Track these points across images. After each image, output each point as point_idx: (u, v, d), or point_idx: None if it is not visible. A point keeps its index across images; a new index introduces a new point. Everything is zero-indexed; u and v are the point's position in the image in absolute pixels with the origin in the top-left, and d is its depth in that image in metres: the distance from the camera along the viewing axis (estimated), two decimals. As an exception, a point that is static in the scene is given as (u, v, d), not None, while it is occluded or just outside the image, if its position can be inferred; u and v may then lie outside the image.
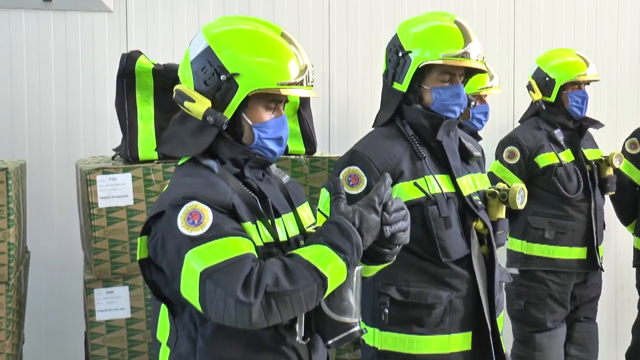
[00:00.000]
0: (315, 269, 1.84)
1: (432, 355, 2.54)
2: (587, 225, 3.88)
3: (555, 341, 3.94)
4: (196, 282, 1.82)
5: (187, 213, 1.87)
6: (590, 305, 4.09)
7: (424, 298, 2.52)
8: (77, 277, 3.29)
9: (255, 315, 1.78)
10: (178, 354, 1.98)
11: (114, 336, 2.76)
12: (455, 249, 2.54)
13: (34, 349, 4.04)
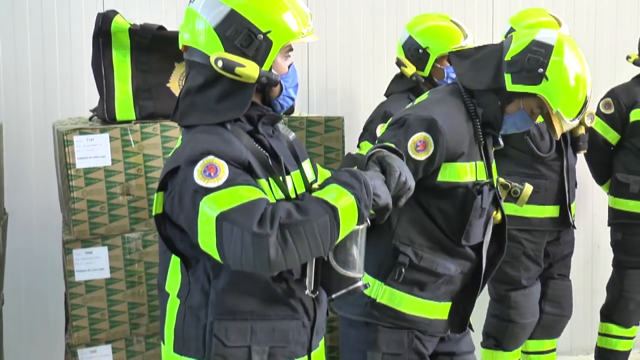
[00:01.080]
0: (324, 201, 1.91)
1: (420, 317, 2.64)
2: (559, 183, 3.92)
3: (530, 299, 4.00)
4: (212, 228, 1.86)
5: (204, 166, 1.91)
6: (563, 262, 4.15)
7: (435, 266, 2.61)
8: (56, 238, 3.29)
9: (273, 250, 1.83)
10: (189, 306, 2.02)
11: (94, 296, 2.77)
12: (476, 236, 2.64)
13: (14, 309, 4.05)
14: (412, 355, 2.63)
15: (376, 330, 2.62)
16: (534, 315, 4.03)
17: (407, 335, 2.62)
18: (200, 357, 2.00)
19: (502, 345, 4.04)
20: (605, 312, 4.43)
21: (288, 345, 2.05)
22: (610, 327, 4.38)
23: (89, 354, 2.78)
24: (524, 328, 4.02)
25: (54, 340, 3.82)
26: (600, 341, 4.45)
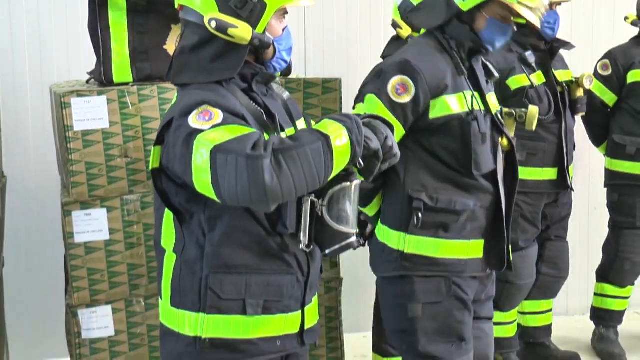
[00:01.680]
0: (317, 130, 1.94)
1: (453, 259, 2.65)
2: (557, 146, 3.93)
3: (527, 260, 4.03)
4: (207, 164, 1.88)
5: (199, 113, 1.95)
6: (561, 224, 4.17)
7: (453, 205, 2.62)
8: (55, 201, 3.31)
9: (267, 174, 1.84)
10: (185, 260, 2.06)
11: (93, 258, 2.79)
12: (485, 164, 2.65)
13: (14, 272, 4.08)
14: (453, 302, 2.66)
15: (412, 282, 2.64)
16: (531, 277, 4.06)
17: (444, 283, 2.65)
18: (196, 310, 2.04)
19: (498, 306, 4.07)
20: (600, 273, 4.46)
21: (282, 299, 2.09)
22: (606, 287, 4.42)
23: (89, 314, 2.80)
24: (520, 289, 4.05)
25: (55, 301, 3.85)
26: (596, 301, 4.49)
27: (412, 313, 2.65)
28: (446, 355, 2.65)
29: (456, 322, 2.66)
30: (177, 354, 2.08)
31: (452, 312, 2.65)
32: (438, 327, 2.65)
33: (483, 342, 2.83)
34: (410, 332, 2.66)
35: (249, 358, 2.06)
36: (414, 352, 2.67)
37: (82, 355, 2.80)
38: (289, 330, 2.12)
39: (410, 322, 2.65)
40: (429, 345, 2.64)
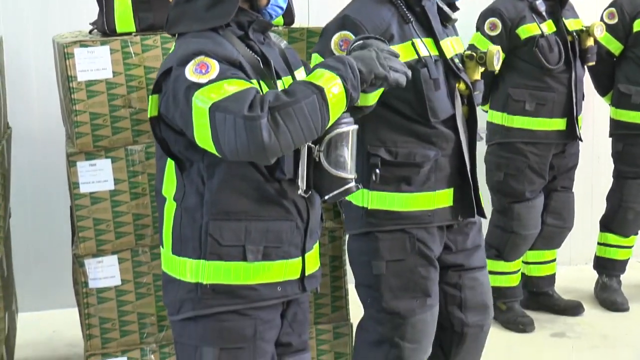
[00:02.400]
0: (310, 83, 1.95)
1: (419, 211, 2.65)
2: (567, 96, 3.91)
3: (533, 211, 4.05)
4: (206, 120, 1.91)
5: (196, 64, 1.96)
6: (567, 174, 4.18)
7: (413, 157, 2.61)
8: (60, 152, 3.31)
9: (265, 133, 1.87)
10: (185, 208, 2.08)
11: (99, 208, 2.80)
12: (442, 110, 2.61)
13: (21, 223, 4.11)
14: (417, 259, 2.67)
15: (376, 239, 2.66)
16: (536, 228, 4.08)
17: (408, 240, 2.65)
18: (197, 256, 2.07)
19: (503, 256, 4.11)
20: (604, 222, 4.48)
21: (282, 245, 2.11)
22: (609, 236, 4.44)
23: (95, 264, 2.82)
24: (525, 239, 4.07)
25: (62, 251, 3.89)
26: (599, 250, 4.52)
27: (377, 270, 2.67)
28: (409, 312, 2.67)
29: (421, 278, 2.67)
30: (179, 300, 2.11)
31: (416, 268, 2.67)
32: (402, 284, 2.67)
33: (478, 292, 2.83)
34: (375, 287, 2.69)
35: (250, 303, 2.09)
36: (378, 307, 2.70)
37: (90, 304, 2.83)
38: (290, 277, 2.14)
39: (375, 279, 2.68)
40: (392, 300, 2.67)
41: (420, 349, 2.72)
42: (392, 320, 2.68)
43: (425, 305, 2.69)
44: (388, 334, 2.69)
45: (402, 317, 2.67)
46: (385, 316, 2.69)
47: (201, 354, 2.10)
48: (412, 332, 2.68)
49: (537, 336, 4.12)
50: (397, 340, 2.69)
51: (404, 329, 2.68)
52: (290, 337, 2.26)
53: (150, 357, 2.85)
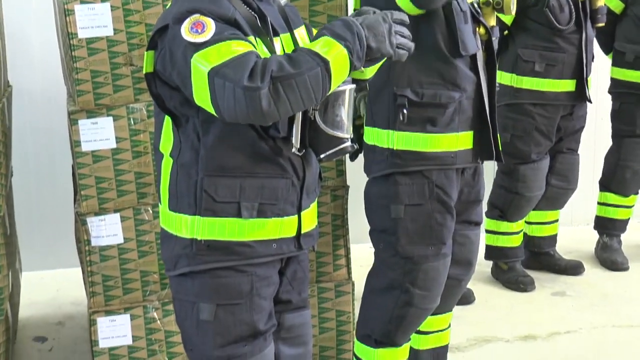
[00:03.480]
0: (316, 54, 1.93)
1: (442, 152, 2.69)
2: (577, 57, 3.89)
3: (538, 173, 4.04)
4: (205, 83, 1.91)
5: (191, 23, 1.95)
6: (574, 136, 4.17)
7: (438, 98, 2.64)
8: (61, 110, 3.31)
9: (265, 101, 1.87)
10: (181, 164, 2.08)
11: (100, 166, 2.81)
12: (470, 44, 2.66)
13: (23, 182, 4.12)
14: (435, 205, 2.70)
15: (396, 182, 2.69)
16: (541, 189, 4.08)
17: (427, 185, 2.69)
18: (192, 212, 2.07)
19: (506, 216, 4.12)
20: (603, 182, 4.49)
21: (277, 202, 2.11)
22: (609, 196, 4.45)
23: (97, 222, 2.83)
24: (529, 201, 4.08)
25: (64, 211, 3.90)
26: (599, 210, 4.53)
27: (395, 214, 2.70)
28: (422, 258, 2.71)
29: (437, 224, 2.71)
30: (175, 256, 2.12)
31: (434, 214, 2.70)
32: (419, 229, 2.70)
33: (467, 249, 2.89)
34: (391, 231, 2.72)
35: (245, 260, 2.09)
36: (392, 252, 2.73)
37: (92, 262, 2.84)
38: (285, 234, 2.14)
39: (392, 222, 2.71)
40: (408, 245, 2.70)
41: (430, 297, 2.75)
42: (404, 266, 2.71)
43: (440, 253, 2.72)
44: (399, 279, 2.72)
45: (415, 262, 2.70)
46: (398, 261, 2.72)
47: (198, 310, 2.11)
48: (424, 279, 2.71)
49: (537, 295, 4.15)
50: (408, 285, 2.71)
51: (416, 275, 2.71)
52: (290, 294, 2.27)
53: (152, 315, 2.87)
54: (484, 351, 3.56)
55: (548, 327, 3.77)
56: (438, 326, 3.07)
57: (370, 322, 2.82)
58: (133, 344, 2.87)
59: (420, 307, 2.76)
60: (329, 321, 3.07)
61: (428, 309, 2.80)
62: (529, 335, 3.70)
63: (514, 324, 3.81)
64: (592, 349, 3.58)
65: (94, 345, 2.85)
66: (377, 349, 2.82)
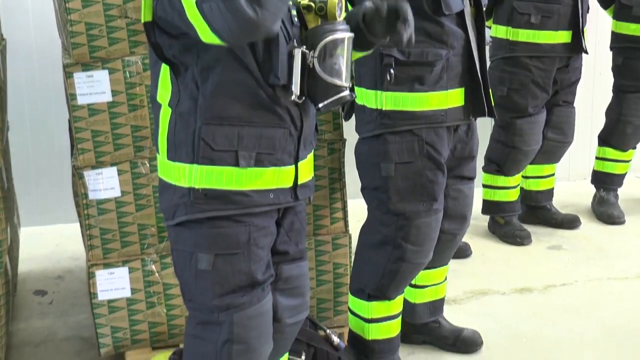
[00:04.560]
0: None
1: (432, 111, 2.67)
2: (572, 8, 3.87)
3: (535, 127, 4.04)
4: (199, 14, 1.88)
5: None
6: (570, 89, 4.16)
7: (425, 56, 2.62)
8: (56, 63, 3.29)
9: (249, 9, 1.83)
10: (179, 113, 2.08)
11: (97, 119, 2.79)
12: (454, 3, 2.63)
13: (20, 137, 4.12)
14: (425, 162, 2.70)
15: (386, 141, 2.69)
16: (537, 143, 4.08)
17: (417, 143, 2.68)
18: (190, 161, 2.08)
19: (503, 171, 4.13)
20: (603, 137, 4.49)
21: (275, 152, 2.11)
22: (608, 150, 4.45)
23: (95, 176, 2.83)
24: (526, 155, 4.09)
25: (62, 166, 3.91)
26: (597, 165, 4.54)
27: (385, 172, 2.70)
28: (414, 214, 2.72)
29: (428, 181, 2.71)
30: (173, 205, 2.13)
31: (424, 171, 2.70)
32: (409, 187, 2.70)
33: (461, 203, 2.90)
34: (382, 189, 2.73)
35: (242, 209, 2.10)
36: (384, 209, 2.74)
37: (90, 215, 2.85)
38: (282, 184, 2.15)
39: (383, 181, 2.72)
40: (399, 203, 2.71)
41: (422, 252, 2.77)
42: (397, 222, 2.73)
43: (431, 209, 2.73)
44: (392, 235, 2.74)
45: (407, 218, 2.71)
46: (390, 218, 2.73)
47: (197, 260, 2.13)
48: (416, 235, 2.73)
49: (533, 249, 4.17)
50: (400, 241, 2.73)
51: (408, 231, 2.72)
52: (287, 245, 2.28)
53: (151, 267, 2.89)
54: (480, 303, 3.59)
55: (544, 280, 3.80)
56: (434, 280, 3.10)
57: (364, 277, 2.84)
58: (132, 296, 2.89)
59: (412, 262, 2.78)
60: (326, 274, 3.09)
61: (420, 264, 2.82)
62: (524, 287, 3.73)
63: (510, 277, 3.84)
64: (587, 300, 3.61)
65: (93, 298, 2.87)
66: (370, 302, 2.84)
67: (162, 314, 2.92)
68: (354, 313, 2.91)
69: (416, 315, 3.14)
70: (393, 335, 2.90)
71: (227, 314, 2.15)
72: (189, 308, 2.26)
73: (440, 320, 3.18)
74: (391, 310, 2.88)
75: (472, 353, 3.14)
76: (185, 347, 2.28)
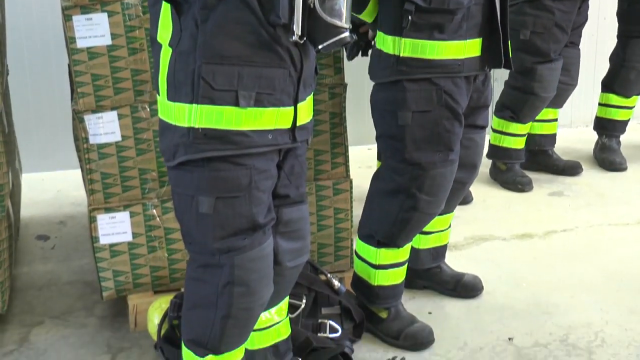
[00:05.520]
0: None
1: (449, 60, 2.64)
2: None
3: (554, 73, 4.02)
4: None
5: None
6: (577, 31, 4.14)
7: (446, 4, 2.58)
8: (55, 8, 3.26)
9: None
10: (180, 52, 2.07)
11: (96, 63, 2.77)
12: None
13: (19, 82, 4.10)
14: (443, 111, 2.67)
15: (404, 89, 2.65)
16: (554, 90, 4.07)
17: (435, 92, 2.65)
18: (189, 101, 2.06)
19: (518, 117, 4.12)
20: (606, 82, 4.46)
21: (274, 93, 2.10)
22: (611, 97, 4.43)
23: (95, 120, 2.82)
24: (543, 102, 4.08)
25: (62, 112, 3.90)
26: (600, 111, 4.52)
27: (402, 121, 2.67)
28: (430, 164, 2.69)
29: (445, 131, 2.68)
30: (173, 145, 2.12)
31: (441, 121, 2.67)
32: (426, 136, 2.68)
33: (472, 151, 2.89)
34: (398, 138, 2.70)
35: (242, 149, 2.09)
36: (399, 158, 2.72)
37: (91, 160, 2.84)
38: (281, 125, 2.14)
39: (400, 129, 2.69)
40: (415, 152, 2.69)
41: (436, 202, 2.76)
42: (411, 172, 2.70)
43: (447, 159, 2.71)
44: (406, 184, 2.72)
45: (422, 168, 2.69)
46: (405, 167, 2.71)
47: (197, 203, 2.12)
48: (430, 185, 2.72)
49: (535, 195, 4.18)
50: (414, 191, 2.72)
51: (423, 181, 2.71)
52: (288, 189, 2.28)
53: (152, 212, 2.90)
54: (481, 249, 3.61)
55: (544, 226, 3.82)
56: (439, 226, 3.10)
57: (374, 224, 2.84)
58: (133, 240, 2.90)
59: (425, 212, 2.77)
60: (327, 219, 3.10)
61: (433, 214, 2.82)
62: (525, 233, 3.74)
63: (511, 223, 3.85)
64: (587, 246, 3.63)
65: (94, 242, 2.88)
66: (379, 249, 2.85)
67: (164, 259, 2.94)
68: (361, 258, 2.91)
69: (419, 261, 3.15)
70: (399, 281, 2.91)
71: (228, 256, 2.16)
72: (189, 251, 2.26)
73: (441, 266, 3.20)
74: (399, 258, 2.88)
75: (473, 298, 3.16)
76: (186, 290, 2.30)
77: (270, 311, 2.47)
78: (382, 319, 2.90)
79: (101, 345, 2.86)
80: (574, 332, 2.93)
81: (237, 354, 2.30)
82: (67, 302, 3.16)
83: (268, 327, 2.50)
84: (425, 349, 2.82)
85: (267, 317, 2.47)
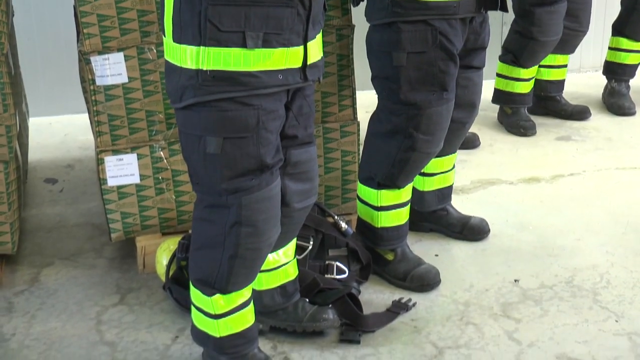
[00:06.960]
0: None
1: (444, 2, 2.61)
2: None
3: (554, 16, 3.94)
4: None
5: None
6: None
7: None
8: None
9: None
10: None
11: (102, 3, 2.71)
12: None
13: (25, 29, 4.08)
14: (438, 52, 2.66)
15: (399, 30, 2.64)
16: (556, 34, 3.99)
17: (430, 33, 2.64)
18: (197, 43, 2.05)
19: (519, 62, 4.08)
20: (617, 26, 4.41)
21: (283, 32, 2.08)
22: (621, 40, 4.39)
23: (101, 61, 2.80)
24: (544, 46, 4.01)
25: (67, 53, 3.87)
26: (610, 55, 4.48)
27: (397, 61, 2.66)
28: (425, 103, 2.69)
29: (440, 72, 2.67)
30: (180, 87, 2.11)
31: (436, 62, 2.66)
32: (421, 76, 2.67)
33: (470, 91, 2.89)
34: (393, 79, 2.69)
35: (251, 90, 2.08)
36: (395, 99, 2.72)
37: (98, 102, 2.84)
38: (291, 65, 2.12)
39: (394, 70, 2.68)
40: (410, 92, 2.68)
41: (433, 141, 2.76)
42: (407, 111, 2.71)
43: (442, 98, 2.71)
44: (402, 124, 2.73)
45: (418, 107, 2.69)
46: (401, 107, 2.71)
47: (205, 143, 2.12)
48: (427, 124, 2.72)
49: (542, 139, 4.17)
50: (411, 130, 2.72)
51: (419, 120, 2.71)
52: (296, 129, 2.27)
53: (159, 154, 2.90)
54: (487, 193, 3.61)
55: (552, 170, 3.81)
56: (442, 168, 3.11)
57: (373, 166, 2.85)
58: (141, 182, 2.91)
59: (423, 151, 2.77)
60: (334, 161, 3.10)
61: (431, 153, 2.82)
62: (532, 177, 3.74)
63: (518, 167, 3.85)
64: (594, 190, 3.63)
65: (102, 184, 2.89)
66: (379, 190, 2.86)
67: (172, 200, 2.95)
68: (362, 201, 2.93)
69: (425, 203, 3.16)
70: (402, 222, 2.93)
71: (236, 196, 2.16)
72: (196, 191, 2.27)
73: (448, 208, 3.21)
74: (400, 198, 2.89)
75: (479, 240, 3.17)
76: (193, 230, 2.31)
77: (277, 252, 2.49)
78: (388, 261, 2.92)
79: (110, 286, 2.89)
80: (580, 274, 2.94)
81: (244, 293, 2.32)
82: (76, 244, 3.18)
83: (276, 268, 2.52)
84: (432, 290, 2.84)
85: (274, 258, 2.49)
